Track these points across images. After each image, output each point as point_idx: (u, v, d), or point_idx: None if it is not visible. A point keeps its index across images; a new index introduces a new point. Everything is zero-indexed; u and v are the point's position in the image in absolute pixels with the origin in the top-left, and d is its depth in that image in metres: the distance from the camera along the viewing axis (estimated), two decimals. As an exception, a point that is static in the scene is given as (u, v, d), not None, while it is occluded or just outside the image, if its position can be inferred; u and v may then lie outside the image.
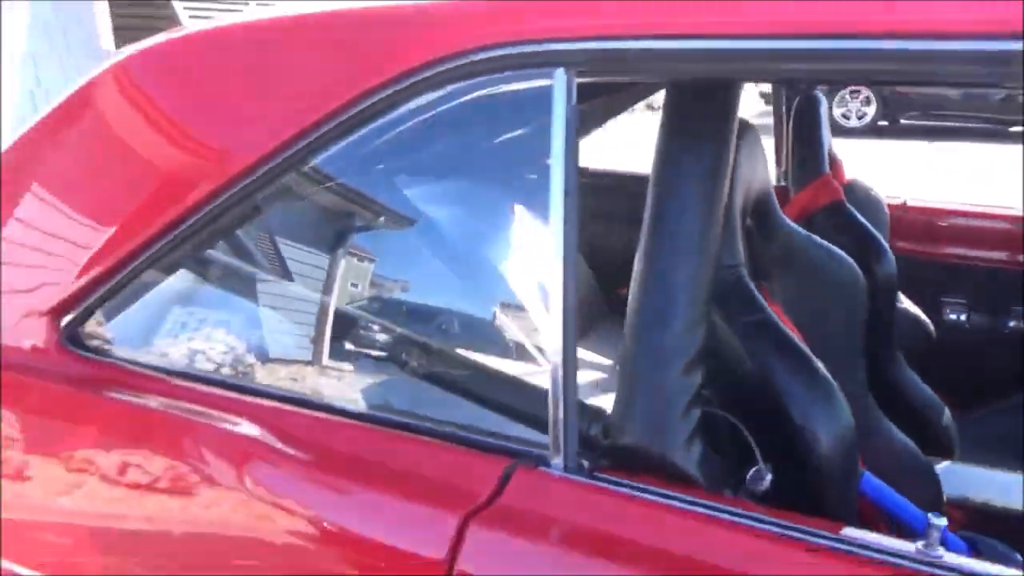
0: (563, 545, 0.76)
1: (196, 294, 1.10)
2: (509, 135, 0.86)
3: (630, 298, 0.81)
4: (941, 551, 0.66)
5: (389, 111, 0.89)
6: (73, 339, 1.07)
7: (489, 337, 0.91)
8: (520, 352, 0.87)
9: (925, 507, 0.94)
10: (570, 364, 0.78)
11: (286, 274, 1.01)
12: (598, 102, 1.73)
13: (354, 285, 0.98)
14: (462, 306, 0.96)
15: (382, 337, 0.95)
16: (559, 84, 0.77)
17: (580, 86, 0.79)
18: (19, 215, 1.15)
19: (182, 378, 1.01)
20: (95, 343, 1.07)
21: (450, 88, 0.85)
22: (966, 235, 1.94)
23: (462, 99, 0.86)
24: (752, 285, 0.93)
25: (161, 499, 0.95)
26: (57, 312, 1.07)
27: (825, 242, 1.23)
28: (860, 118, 9.69)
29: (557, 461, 0.79)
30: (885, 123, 9.68)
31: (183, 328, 1.06)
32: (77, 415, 1.04)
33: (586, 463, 0.80)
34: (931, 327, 1.70)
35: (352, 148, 0.93)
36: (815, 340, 1.01)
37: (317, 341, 0.97)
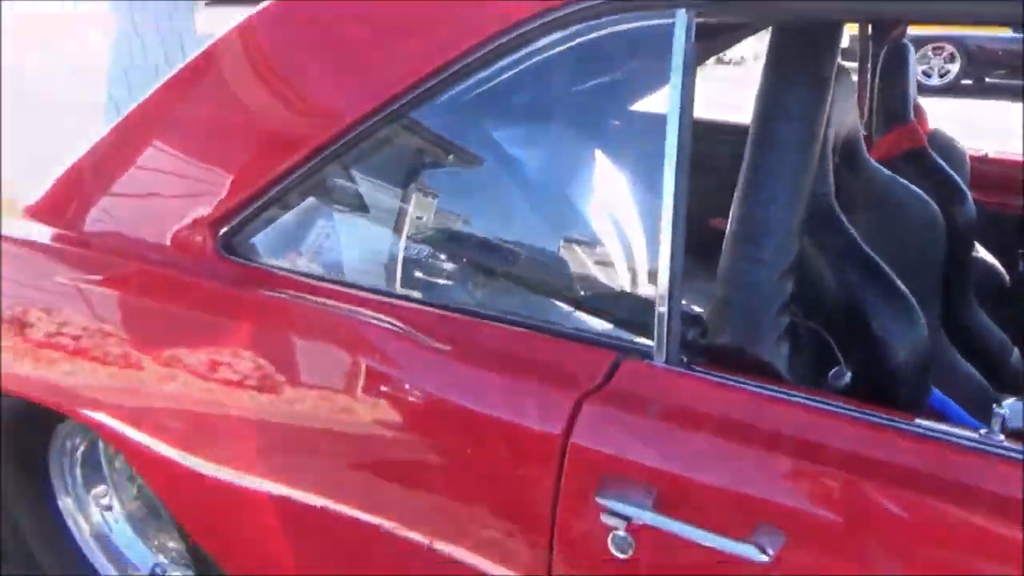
0: (665, 422, 0.88)
1: (330, 213, 1.24)
2: (631, 71, 0.97)
3: (732, 214, 0.92)
4: (1002, 437, 0.76)
5: (517, 50, 0.99)
6: (227, 247, 1.23)
7: (605, 252, 1.03)
8: (632, 265, 0.99)
9: None
10: (676, 276, 0.89)
11: (418, 195, 1.15)
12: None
13: (479, 204, 1.11)
14: (579, 227, 1.08)
15: (506, 250, 1.08)
16: (680, 24, 0.86)
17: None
18: (178, 146, 1.31)
19: (320, 280, 1.16)
20: (246, 250, 1.23)
21: (575, 28, 0.95)
22: None
23: (586, 38, 0.96)
24: (840, 212, 1.02)
25: (305, 381, 1.11)
26: (214, 224, 1.23)
27: (907, 182, 1.30)
28: (943, 75, 9.34)
29: (660, 358, 0.91)
30: (969, 81, 9.32)
31: (323, 239, 1.21)
32: (230, 309, 1.21)
33: (685, 359, 0.92)
34: (1006, 276, 1.75)
35: (483, 83, 1.04)
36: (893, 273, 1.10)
37: (448, 254, 1.10)
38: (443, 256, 1.11)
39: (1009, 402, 1.50)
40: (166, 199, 1.33)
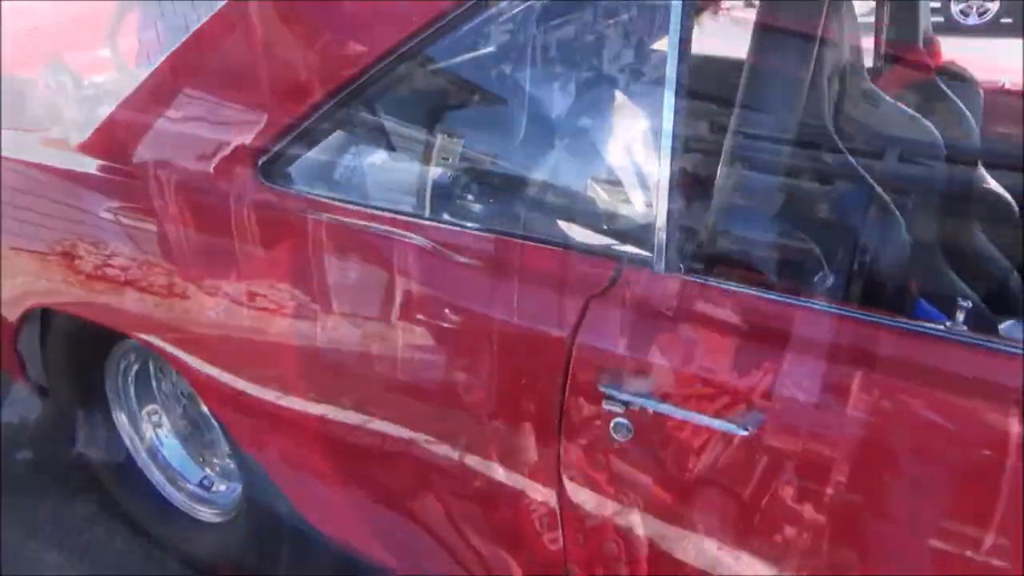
0: (662, 320, 0.98)
1: (359, 143, 1.33)
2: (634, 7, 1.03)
3: (728, 135, 0.99)
4: (964, 328, 0.84)
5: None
6: (267, 175, 1.32)
7: (609, 173, 1.12)
8: (634, 184, 1.08)
9: None
10: (673, 191, 0.97)
11: (439, 126, 1.23)
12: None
13: (497, 134, 1.19)
14: (586, 150, 1.16)
15: (520, 175, 1.17)
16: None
17: None
18: (217, 84, 1.40)
19: (352, 203, 1.26)
20: (283, 178, 1.33)
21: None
22: None
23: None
24: (834, 134, 1.09)
25: (341, 296, 1.22)
26: (254, 155, 1.32)
27: (908, 109, 1.35)
28: (981, 14, 9.02)
29: (659, 266, 1.00)
30: (1009, 20, 8.99)
31: (353, 166, 1.31)
32: (271, 231, 1.31)
33: (682, 267, 1.00)
34: (1014, 206, 1.79)
35: (492, 20, 1.11)
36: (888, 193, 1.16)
37: (469, 179, 1.19)
38: (464, 180, 1.20)
39: (1006, 324, 1.57)
40: (208, 133, 1.42)
